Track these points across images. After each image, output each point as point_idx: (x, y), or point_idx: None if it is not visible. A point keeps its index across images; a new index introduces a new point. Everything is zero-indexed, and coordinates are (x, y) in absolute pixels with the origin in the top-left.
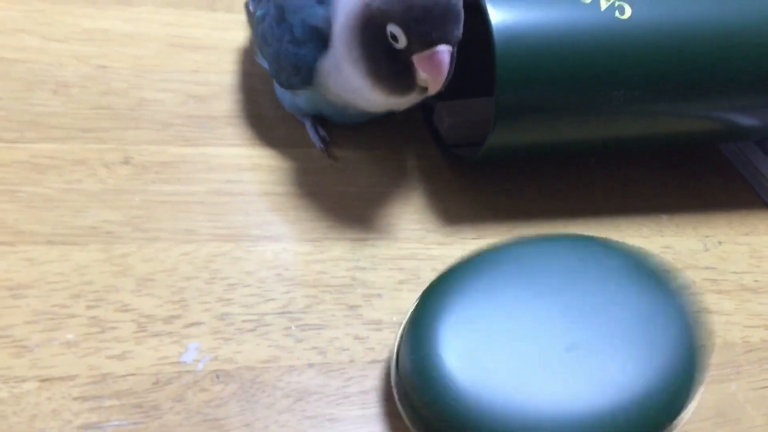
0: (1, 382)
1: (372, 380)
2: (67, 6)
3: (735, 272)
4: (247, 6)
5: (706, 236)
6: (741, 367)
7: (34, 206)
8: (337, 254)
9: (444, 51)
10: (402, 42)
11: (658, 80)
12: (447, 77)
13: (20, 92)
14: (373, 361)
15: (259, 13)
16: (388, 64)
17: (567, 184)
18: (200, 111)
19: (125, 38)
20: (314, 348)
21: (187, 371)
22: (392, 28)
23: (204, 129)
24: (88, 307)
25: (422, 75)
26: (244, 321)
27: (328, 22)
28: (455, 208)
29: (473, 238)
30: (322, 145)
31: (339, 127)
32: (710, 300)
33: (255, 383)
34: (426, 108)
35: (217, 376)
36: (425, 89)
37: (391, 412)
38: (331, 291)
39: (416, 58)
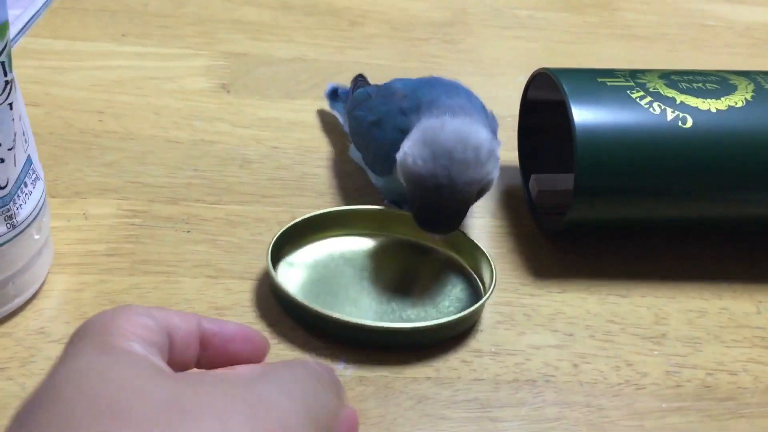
0: None
1: (474, 393)
2: (248, 99)
3: None
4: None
5: (760, 301)
6: None
7: (230, 251)
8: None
9: None
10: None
11: (716, 179)
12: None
13: (217, 166)
14: (475, 379)
15: (359, 114)
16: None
17: (641, 250)
18: (346, 183)
19: (291, 125)
20: (431, 365)
21: (340, 375)
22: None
23: (348, 195)
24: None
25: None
26: None
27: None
28: (545, 267)
29: (558, 292)
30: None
31: None
32: (758, 353)
33: (387, 387)
34: (526, 179)
35: (360, 380)
36: None
37: (489, 417)
38: None
39: None
